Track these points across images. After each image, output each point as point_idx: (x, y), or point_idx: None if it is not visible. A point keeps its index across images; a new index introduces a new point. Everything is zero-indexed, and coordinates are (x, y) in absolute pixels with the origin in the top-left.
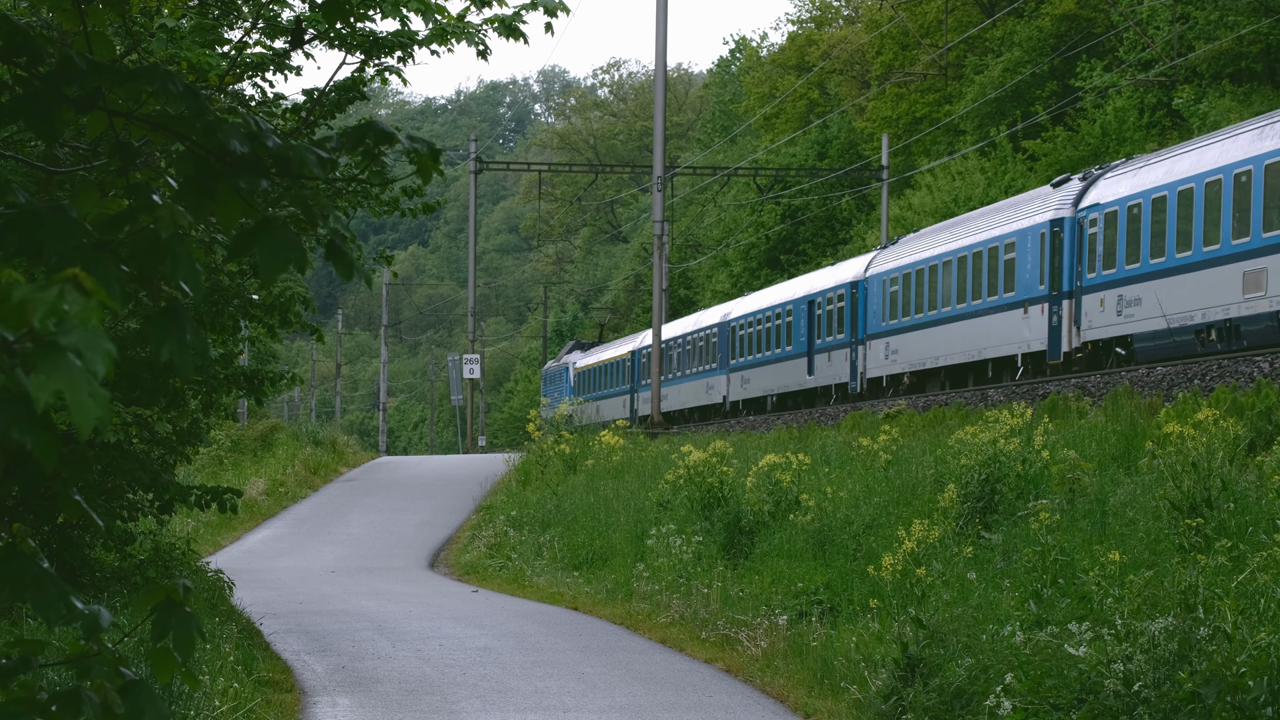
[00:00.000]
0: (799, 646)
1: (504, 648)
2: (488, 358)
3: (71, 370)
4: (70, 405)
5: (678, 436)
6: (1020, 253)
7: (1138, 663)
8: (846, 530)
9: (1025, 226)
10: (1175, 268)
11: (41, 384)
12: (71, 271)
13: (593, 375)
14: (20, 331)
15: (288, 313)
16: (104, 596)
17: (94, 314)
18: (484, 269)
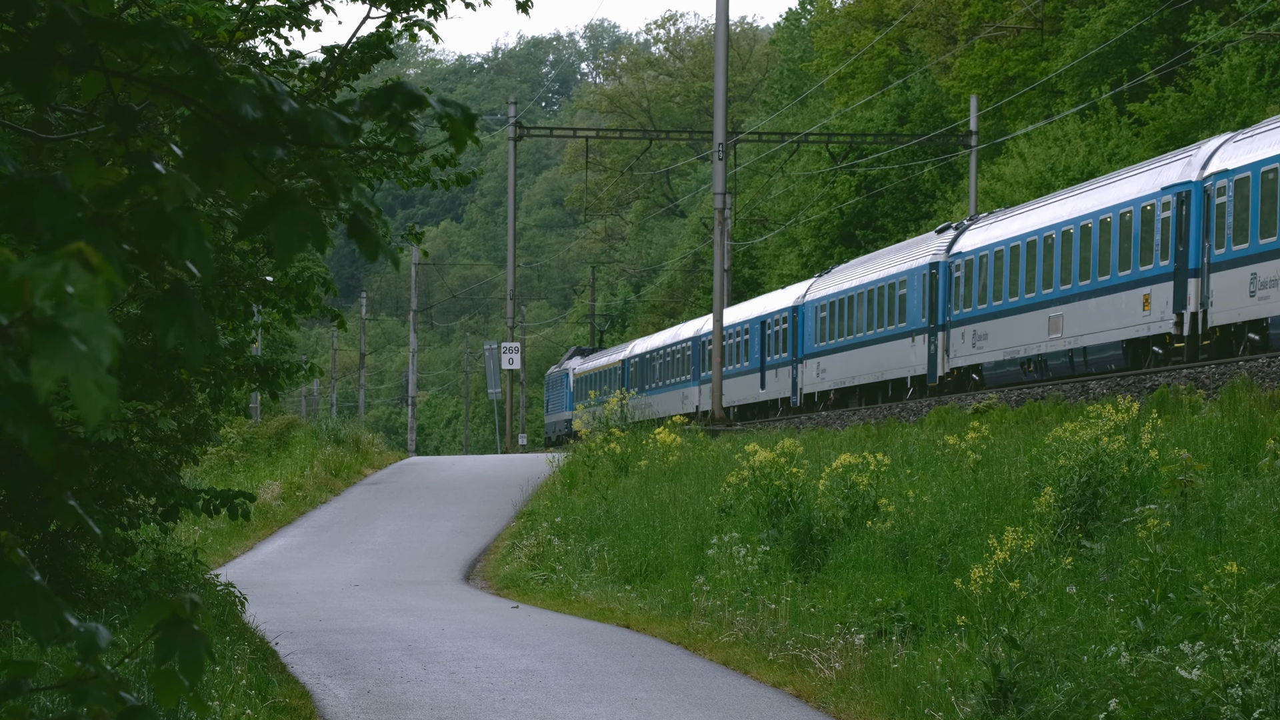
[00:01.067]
0: (878, 669)
1: (548, 670)
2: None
3: (77, 355)
4: (75, 394)
5: (741, 434)
6: (910, 290)
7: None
8: (930, 539)
9: (913, 267)
10: (1007, 310)
11: (44, 370)
12: (76, 246)
13: (591, 381)
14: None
15: (306, 296)
16: (102, 613)
17: (101, 294)
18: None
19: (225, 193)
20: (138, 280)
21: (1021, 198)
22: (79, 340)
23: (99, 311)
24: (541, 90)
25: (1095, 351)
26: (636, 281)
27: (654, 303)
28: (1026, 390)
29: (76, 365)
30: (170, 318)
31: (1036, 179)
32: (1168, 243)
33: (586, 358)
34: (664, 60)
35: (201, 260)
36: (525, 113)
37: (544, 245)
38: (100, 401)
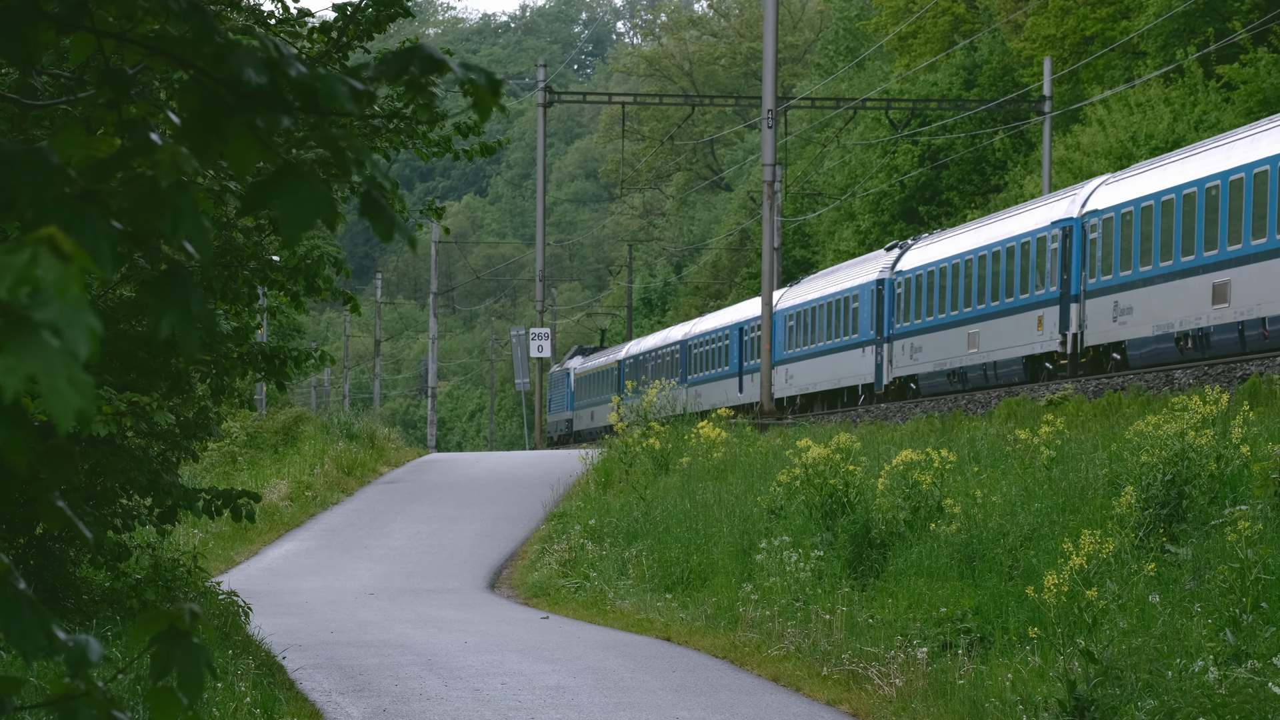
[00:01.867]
0: (942, 685)
1: (581, 687)
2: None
3: (47, 351)
4: (45, 393)
5: (793, 428)
6: (861, 304)
7: None
8: (1000, 543)
9: (864, 283)
10: (937, 326)
11: (11, 368)
12: (47, 231)
13: (590, 380)
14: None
15: (315, 278)
16: (93, 624)
17: (73, 282)
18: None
19: (226, 165)
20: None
21: (1100, 169)
22: (51, 333)
23: (75, 301)
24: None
25: (1003, 365)
26: (678, 261)
27: (697, 284)
28: (1105, 380)
29: (47, 361)
30: (165, 302)
31: (1117, 149)
32: (1055, 271)
33: (588, 357)
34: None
35: (200, 239)
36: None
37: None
38: (73, 401)
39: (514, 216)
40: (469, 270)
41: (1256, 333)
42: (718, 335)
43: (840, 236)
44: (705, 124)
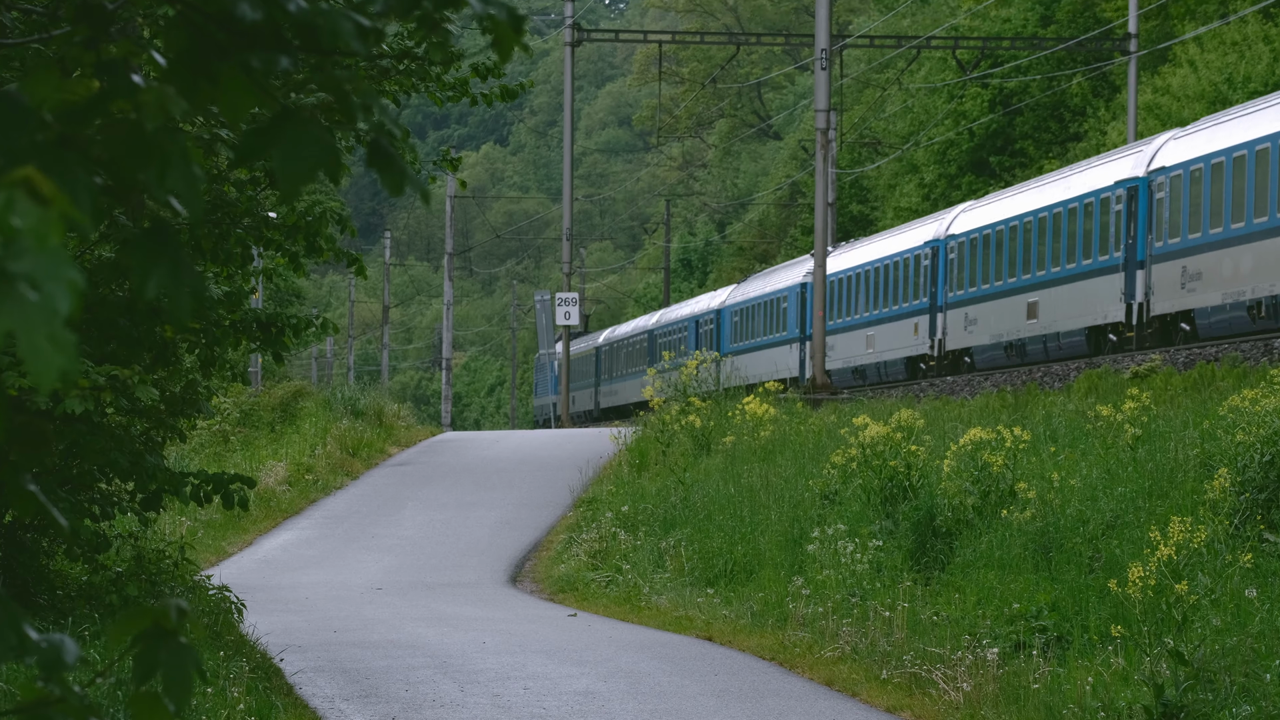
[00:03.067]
0: (1015, 689)
1: (612, 693)
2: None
3: (25, 306)
4: (25, 352)
5: (849, 404)
6: (789, 304)
7: None
8: (1079, 532)
9: (790, 285)
10: (844, 328)
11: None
12: (23, 173)
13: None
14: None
15: (317, 237)
16: (68, 622)
17: (54, 230)
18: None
19: (218, 111)
20: (111, 217)
21: (1192, 114)
22: (29, 287)
23: (55, 252)
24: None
25: (890, 365)
26: (720, 218)
27: (741, 244)
28: (1197, 350)
29: (25, 317)
30: (150, 262)
31: (1210, 92)
32: (923, 284)
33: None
34: None
35: (189, 193)
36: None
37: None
38: (55, 360)
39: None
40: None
41: None
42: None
43: (901, 191)
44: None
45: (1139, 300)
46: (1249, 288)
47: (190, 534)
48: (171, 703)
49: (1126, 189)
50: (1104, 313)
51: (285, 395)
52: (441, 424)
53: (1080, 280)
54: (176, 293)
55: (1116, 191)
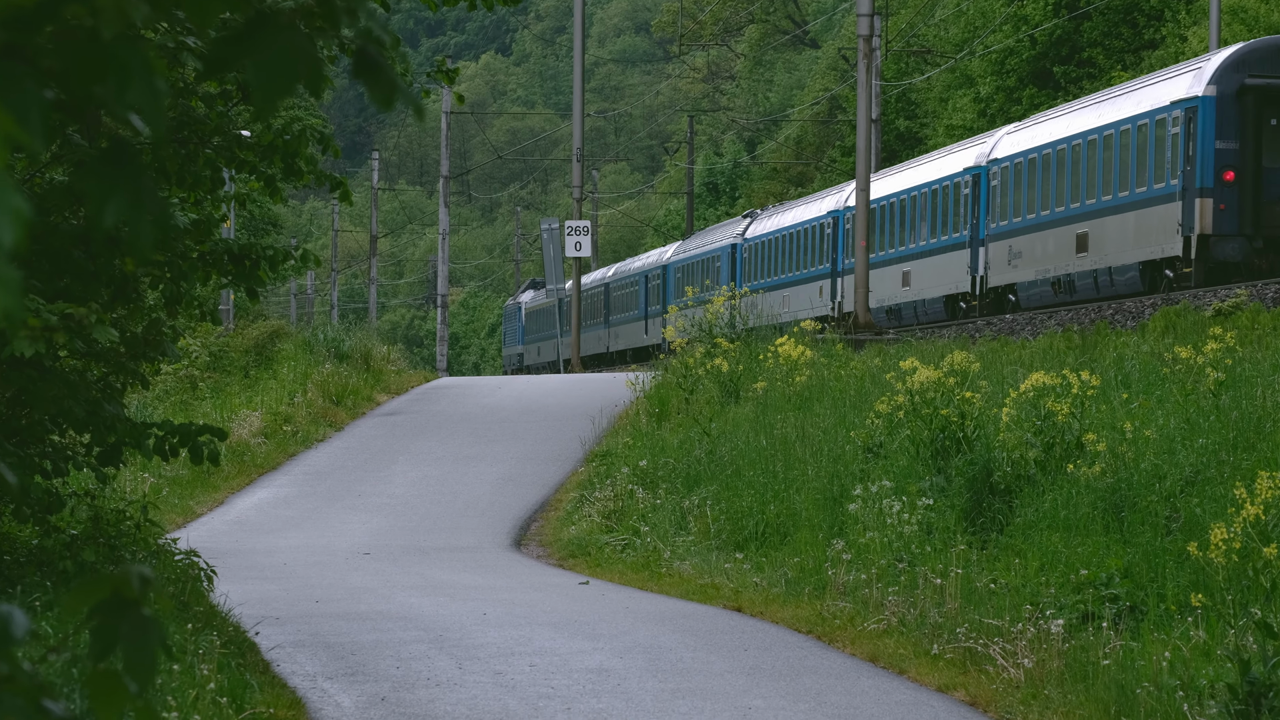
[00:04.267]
0: (1082, 666)
1: (629, 669)
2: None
3: None
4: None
5: (895, 345)
6: (722, 264)
7: None
8: (1155, 489)
9: (723, 245)
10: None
11: None
12: None
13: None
14: None
15: (295, 158)
16: (16, 591)
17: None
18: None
19: (184, 14)
20: (64, 136)
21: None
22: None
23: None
24: None
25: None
26: (750, 137)
27: (774, 166)
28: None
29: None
30: (108, 187)
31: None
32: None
33: (539, 290)
34: None
35: (152, 108)
36: None
37: (623, 87)
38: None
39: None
40: (488, 148)
41: None
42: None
43: (954, 106)
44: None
45: (980, 273)
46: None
47: (154, 492)
48: (133, 682)
49: (971, 175)
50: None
51: (260, 336)
52: (436, 369)
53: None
54: (138, 221)
55: (1173, 113)
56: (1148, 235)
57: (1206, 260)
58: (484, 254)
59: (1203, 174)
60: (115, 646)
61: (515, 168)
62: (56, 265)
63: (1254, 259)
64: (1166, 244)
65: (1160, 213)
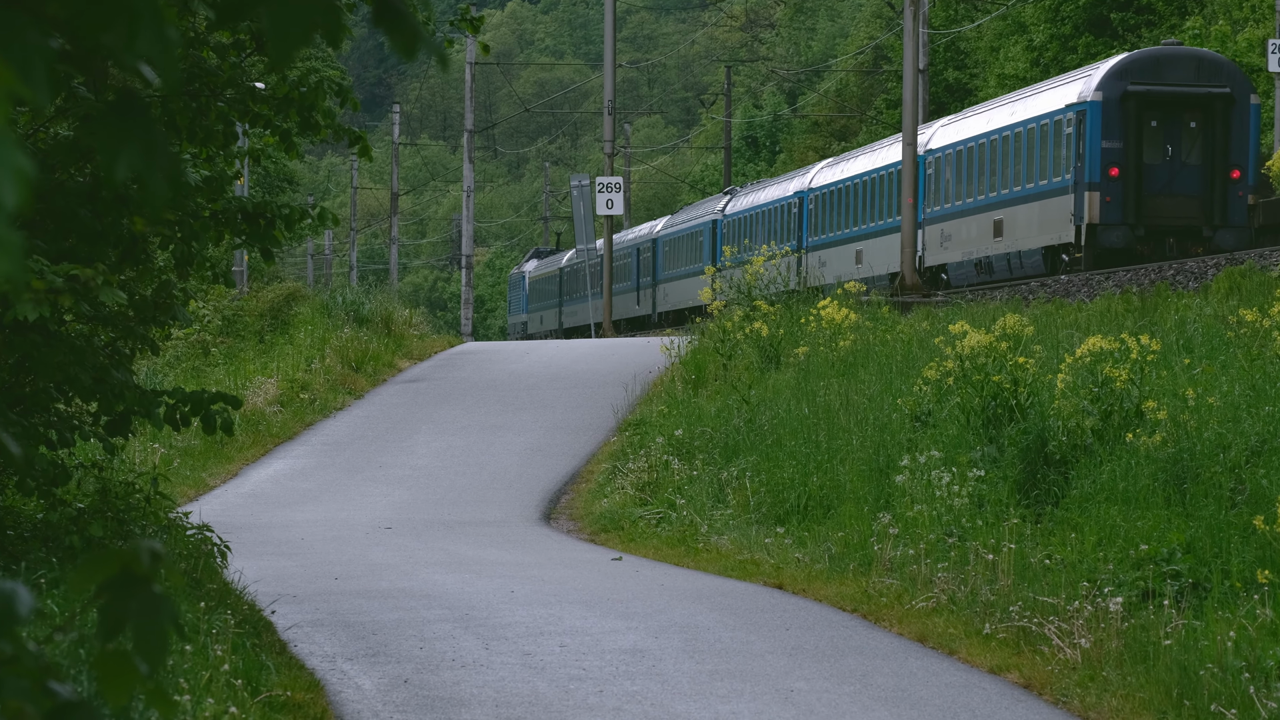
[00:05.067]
0: (1142, 647)
1: (665, 650)
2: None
3: None
4: None
5: (944, 308)
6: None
7: None
8: (1219, 459)
9: (704, 221)
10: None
11: None
12: None
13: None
14: None
15: (312, 111)
16: (20, 568)
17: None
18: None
19: None
20: (70, 88)
21: None
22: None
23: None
24: None
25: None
26: (791, 88)
27: (816, 119)
28: None
29: None
30: (118, 141)
31: None
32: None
33: (542, 259)
34: None
35: (163, 58)
36: None
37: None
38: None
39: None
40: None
41: None
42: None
43: (1006, 55)
44: None
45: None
46: (974, 249)
47: (165, 463)
48: (144, 662)
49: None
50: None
51: (276, 299)
52: (461, 333)
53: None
54: (148, 177)
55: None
56: (1048, 223)
57: (1095, 247)
58: (510, 212)
59: (1091, 170)
60: (124, 626)
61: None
62: (62, 225)
63: (1136, 246)
64: (1063, 231)
65: (1058, 204)
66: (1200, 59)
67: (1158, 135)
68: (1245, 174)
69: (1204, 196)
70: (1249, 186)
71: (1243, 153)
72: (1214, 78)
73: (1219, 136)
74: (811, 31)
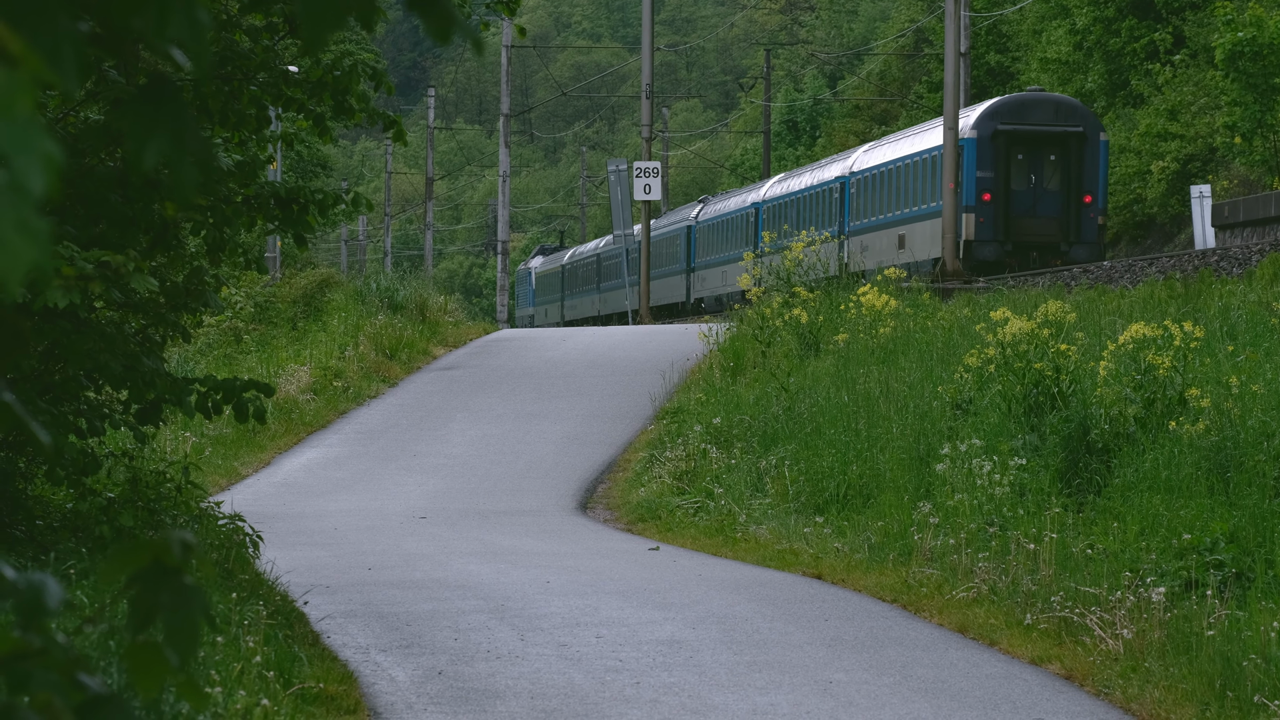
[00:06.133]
0: (1185, 637)
1: (702, 641)
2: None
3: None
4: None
5: (985, 294)
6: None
7: None
8: (1264, 447)
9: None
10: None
11: None
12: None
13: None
14: None
15: (346, 95)
16: (50, 558)
17: (23, 94)
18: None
19: None
20: (100, 72)
21: None
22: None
23: (27, 120)
24: None
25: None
26: (832, 71)
27: (857, 103)
28: None
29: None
30: (149, 126)
31: None
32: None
33: (547, 256)
34: None
35: (195, 41)
36: None
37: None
38: (24, 252)
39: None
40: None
41: None
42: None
43: (1049, 38)
44: None
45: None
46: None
47: (196, 452)
48: (175, 654)
49: (839, 183)
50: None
51: (309, 286)
52: (496, 320)
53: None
54: (180, 162)
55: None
56: (937, 239)
57: (971, 260)
58: (547, 197)
59: (968, 195)
60: (155, 617)
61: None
62: (92, 210)
63: (1005, 259)
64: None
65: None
66: (1058, 103)
67: (1023, 166)
68: (1096, 198)
69: (1062, 218)
70: (1099, 209)
71: (1094, 181)
72: (1070, 119)
73: (1074, 168)
74: (852, 14)
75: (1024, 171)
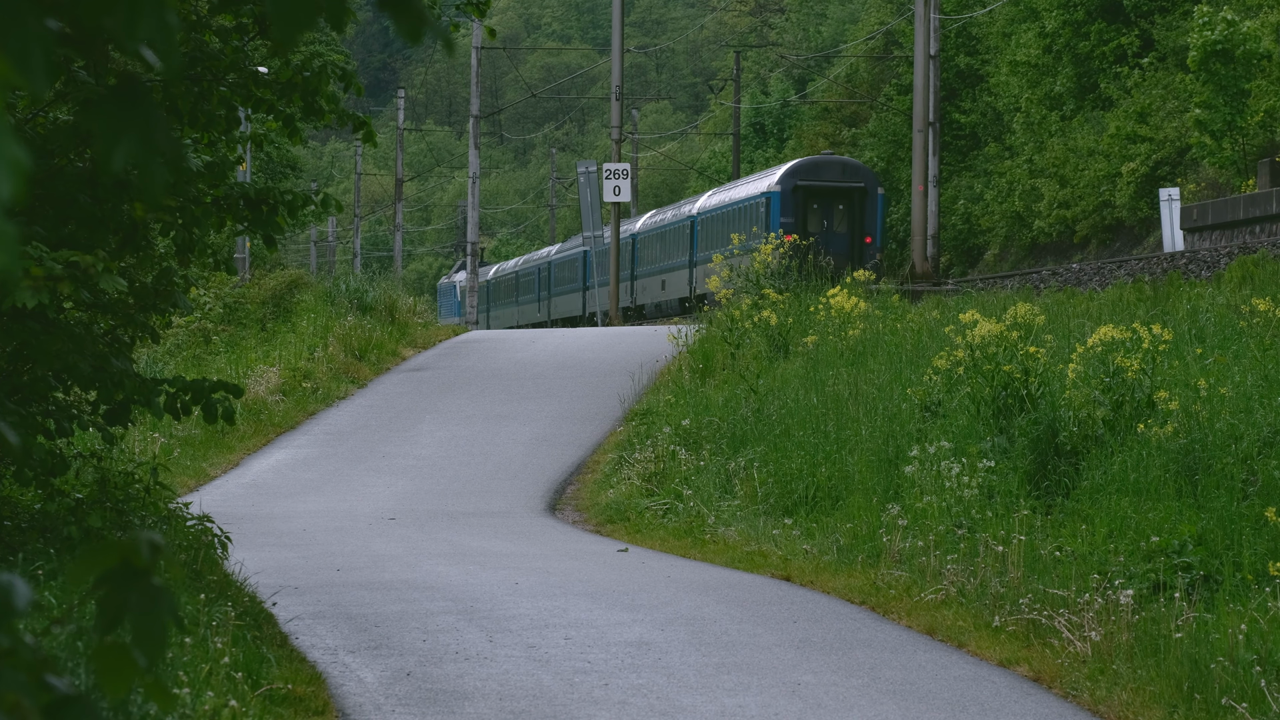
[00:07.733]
0: (1153, 639)
1: (671, 643)
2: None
3: None
4: None
5: (955, 297)
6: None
7: None
8: (1231, 450)
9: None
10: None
11: None
12: None
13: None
14: None
15: (316, 96)
16: (18, 559)
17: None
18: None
19: None
20: (70, 72)
21: None
22: None
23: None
24: None
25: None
26: (800, 74)
27: (826, 105)
28: None
29: None
30: (118, 127)
31: None
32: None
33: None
34: None
35: (164, 42)
36: None
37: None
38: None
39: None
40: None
41: None
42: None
43: (1018, 42)
44: None
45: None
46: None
47: (164, 453)
48: (143, 655)
49: (691, 221)
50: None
51: (278, 287)
52: (465, 321)
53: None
54: (149, 163)
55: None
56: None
57: None
58: (517, 199)
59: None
60: (123, 618)
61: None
62: (61, 211)
63: None
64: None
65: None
66: (845, 164)
67: (818, 214)
68: (875, 239)
69: (849, 253)
70: (877, 247)
71: (873, 226)
72: (854, 177)
73: (857, 215)
74: (821, 16)
75: (818, 218)
